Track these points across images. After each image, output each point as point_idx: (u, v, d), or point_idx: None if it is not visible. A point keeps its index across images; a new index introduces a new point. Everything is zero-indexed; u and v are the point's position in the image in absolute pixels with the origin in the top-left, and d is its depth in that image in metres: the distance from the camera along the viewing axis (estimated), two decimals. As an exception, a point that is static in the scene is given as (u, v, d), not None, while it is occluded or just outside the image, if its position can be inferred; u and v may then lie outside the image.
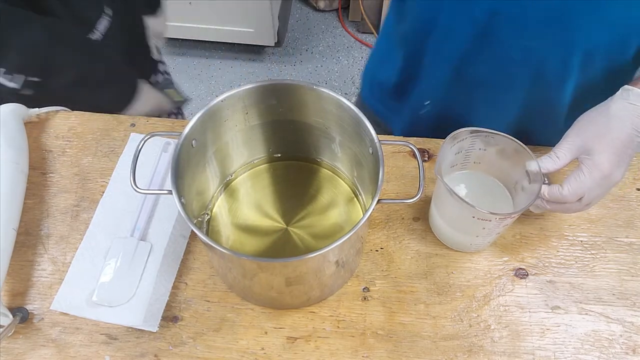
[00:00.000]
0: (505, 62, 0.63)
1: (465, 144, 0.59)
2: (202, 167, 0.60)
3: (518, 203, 0.60)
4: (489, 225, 0.55)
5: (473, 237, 0.59)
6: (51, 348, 0.57)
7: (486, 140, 0.58)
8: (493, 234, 0.58)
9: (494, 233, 0.58)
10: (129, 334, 0.58)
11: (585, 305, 0.60)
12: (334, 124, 0.60)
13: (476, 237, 0.59)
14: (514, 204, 0.61)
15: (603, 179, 0.53)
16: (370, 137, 0.53)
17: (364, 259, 0.63)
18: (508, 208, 0.61)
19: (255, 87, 0.57)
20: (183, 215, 0.48)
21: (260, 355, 0.57)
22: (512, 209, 0.60)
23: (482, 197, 0.62)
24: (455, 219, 0.59)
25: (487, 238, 0.59)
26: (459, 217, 0.58)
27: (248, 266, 0.52)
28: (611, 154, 0.53)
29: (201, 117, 0.55)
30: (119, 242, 0.60)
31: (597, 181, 0.53)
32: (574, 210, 0.57)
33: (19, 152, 0.66)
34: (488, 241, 0.61)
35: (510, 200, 0.61)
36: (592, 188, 0.54)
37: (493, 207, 0.53)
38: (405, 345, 0.57)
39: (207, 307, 0.60)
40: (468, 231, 0.58)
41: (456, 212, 0.57)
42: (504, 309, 0.60)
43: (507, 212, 0.59)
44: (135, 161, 0.53)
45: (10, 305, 0.60)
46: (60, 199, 0.67)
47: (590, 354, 0.57)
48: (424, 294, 0.61)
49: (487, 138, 0.58)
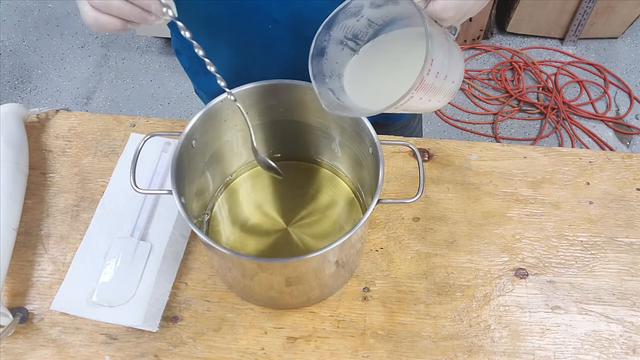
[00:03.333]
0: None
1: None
2: (202, 167, 0.60)
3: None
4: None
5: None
6: (51, 348, 0.57)
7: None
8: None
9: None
10: (129, 334, 0.58)
11: (585, 305, 0.60)
12: (334, 124, 0.60)
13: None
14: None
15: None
16: (370, 137, 0.53)
17: (364, 259, 0.63)
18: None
19: (255, 87, 0.57)
20: (183, 215, 0.48)
21: (260, 355, 0.57)
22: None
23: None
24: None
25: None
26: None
27: (248, 266, 0.52)
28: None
29: (201, 117, 0.55)
30: (119, 242, 0.60)
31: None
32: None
33: (19, 152, 0.66)
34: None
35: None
36: (470, 5, 0.42)
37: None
38: (405, 345, 0.57)
39: (207, 307, 0.60)
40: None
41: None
42: (504, 309, 0.60)
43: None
44: (135, 161, 0.53)
45: (10, 305, 0.60)
46: (60, 199, 0.67)
47: (590, 354, 0.57)
48: (424, 294, 0.61)
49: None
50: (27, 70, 1.87)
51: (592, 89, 1.82)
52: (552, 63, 1.88)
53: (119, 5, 0.39)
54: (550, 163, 0.71)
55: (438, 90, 0.44)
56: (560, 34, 1.92)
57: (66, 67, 1.88)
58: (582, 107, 1.76)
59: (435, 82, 0.42)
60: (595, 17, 1.83)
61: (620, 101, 1.80)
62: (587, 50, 1.92)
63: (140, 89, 1.84)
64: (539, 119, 1.76)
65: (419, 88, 0.40)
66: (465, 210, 0.67)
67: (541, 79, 1.83)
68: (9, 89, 1.82)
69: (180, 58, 0.77)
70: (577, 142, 1.70)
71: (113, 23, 0.40)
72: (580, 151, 0.73)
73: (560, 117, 1.74)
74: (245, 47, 0.61)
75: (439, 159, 0.72)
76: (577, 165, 0.71)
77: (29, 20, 2.02)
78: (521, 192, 0.69)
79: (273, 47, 0.60)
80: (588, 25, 1.86)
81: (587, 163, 0.71)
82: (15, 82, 1.83)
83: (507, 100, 1.79)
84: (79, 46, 1.95)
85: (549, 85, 1.81)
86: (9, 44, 1.94)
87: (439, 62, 0.41)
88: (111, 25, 0.40)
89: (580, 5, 1.78)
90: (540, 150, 0.72)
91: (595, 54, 1.91)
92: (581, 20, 1.83)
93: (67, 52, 1.93)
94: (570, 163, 0.71)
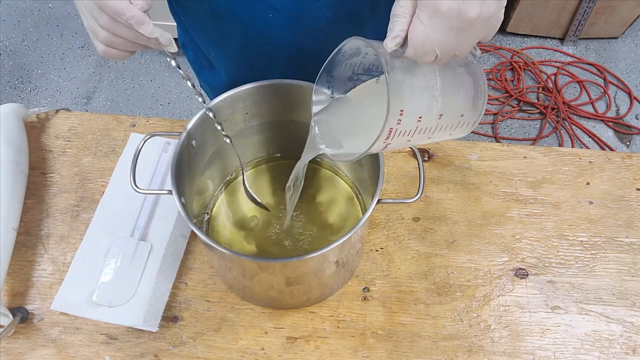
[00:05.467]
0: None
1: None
2: (202, 166, 0.60)
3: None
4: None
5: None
6: (51, 348, 0.57)
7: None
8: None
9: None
10: (129, 334, 0.58)
11: (585, 305, 0.60)
12: (334, 124, 0.60)
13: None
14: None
15: (449, 20, 0.37)
16: (370, 137, 0.53)
17: (364, 259, 0.63)
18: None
19: (255, 87, 0.57)
20: (183, 215, 0.48)
21: (260, 355, 0.57)
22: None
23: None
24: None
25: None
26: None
27: (248, 266, 0.52)
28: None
29: (201, 116, 0.55)
30: (119, 242, 0.60)
31: (440, 26, 0.37)
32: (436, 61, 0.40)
33: (19, 152, 0.66)
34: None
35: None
36: (439, 36, 0.37)
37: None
38: (405, 345, 0.57)
39: (207, 307, 0.60)
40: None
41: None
42: (504, 309, 0.60)
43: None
44: (135, 161, 0.53)
45: (10, 305, 0.60)
46: (60, 199, 0.67)
47: (590, 354, 0.57)
48: (424, 294, 0.61)
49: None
50: (27, 70, 1.87)
51: (592, 89, 1.82)
52: (552, 63, 1.88)
53: (122, 43, 0.45)
54: (550, 163, 0.71)
55: (435, 129, 0.42)
56: (560, 34, 1.92)
57: (66, 67, 1.88)
58: (582, 107, 1.76)
59: (422, 124, 0.40)
60: (595, 17, 1.83)
61: (620, 101, 1.80)
62: (587, 50, 1.92)
63: (140, 89, 1.83)
64: (539, 119, 1.76)
65: (392, 136, 0.39)
66: (465, 210, 0.67)
67: (541, 79, 1.83)
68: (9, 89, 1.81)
69: (186, 52, 0.78)
70: (577, 142, 1.70)
71: (121, 54, 0.47)
72: (580, 151, 0.73)
73: (560, 117, 1.74)
74: (248, 37, 0.62)
75: (439, 159, 0.72)
76: (577, 165, 0.71)
77: (29, 20, 2.02)
78: (521, 192, 0.69)
79: (274, 37, 0.61)
80: (588, 25, 1.86)
81: (587, 163, 0.71)
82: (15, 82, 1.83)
83: (507, 100, 1.79)
84: (79, 46, 1.94)
85: (549, 85, 1.81)
86: (9, 44, 1.94)
87: (416, 107, 0.39)
88: (119, 56, 0.46)
89: (580, 5, 1.78)
90: (540, 150, 0.72)
91: (595, 54, 1.91)
92: (581, 20, 1.83)
93: (67, 52, 1.92)
94: (570, 163, 0.71)
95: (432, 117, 0.41)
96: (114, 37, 0.45)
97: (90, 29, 0.46)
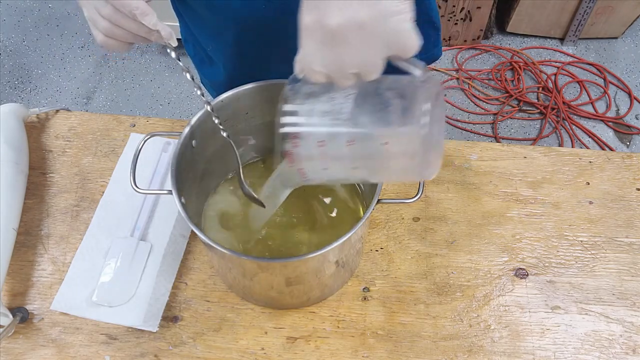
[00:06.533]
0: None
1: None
2: (202, 167, 0.60)
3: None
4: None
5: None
6: (51, 348, 0.57)
7: None
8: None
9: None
10: (129, 334, 0.58)
11: (585, 305, 0.60)
12: (334, 124, 0.60)
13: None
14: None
15: (314, 33, 0.36)
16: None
17: (364, 259, 0.63)
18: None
19: (255, 87, 0.57)
20: (183, 215, 0.48)
21: (260, 355, 0.57)
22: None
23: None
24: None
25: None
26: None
27: (248, 266, 0.52)
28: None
29: (201, 116, 0.55)
30: (119, 242, 0.60)
31: (309, 42, 0.37)
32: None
33: (19, 152, 0.66)
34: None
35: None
36: (313, 52, 0.37)
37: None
38: (405, 345, 0.57)
39: (207, 307, 0.60)
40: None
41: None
42: (504, 309, 0.60)
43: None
44: (135, 161, 0.53)
45: (10, 305, 0.60)
46: (60, 199, 0.67)
47: (590, 354, 0.57)
48: (424, 294, 0.61)
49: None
50: (27, 70, 1.87)
51: (592, 89, 1.82)
52: (552, 63, 1.88)
53: (123, 34, 0.45)
54: (550, 163, 0.71)
55: (352, 158, 0.40)
56: (560, 34, 1.92)
57: (66, 67, 1.88)
58: (582, 107, 1.76)
59: (329, 150, 0.39)
60: (595, 17, 1.83)
61: (620, 101, 1.80)
62: (587, 50, 1.92)
63: (140, 89, 1.83)
64: (539, 119, 1.76)
65: (298, 161, 0.41)
66: (465, 210, 0.67)
67: (541, 79, 1.83)
68: (9, 89, 1.81)
69: (187, 47, 0.78)
70: (577, 142, 1.70)
71: (120, 46, 0.46)
72: (580, 151, 0.73)
73: (560, 117, 1.74)
74: (244, 29, 0.62)
75: (439, 159, 0.72)
76: (577, 165, 0.71)
77: (29, 20, 2.02)
78: (521, 192, 0.69)
79: (267, 28, 0.61)
80: (588, 25, 1.86)
81: (587, 163, 0.71)
82: (15, 82, 1.83)
83: (507, 100, 1.79)
84: (79, 46, 1.94)
85: (549, 85, 1.81)
86: (9, 44, 1.94)
87: (314, 132, 0.39)
88: (118, 47, 0.46)
89: (580, 5, 1.78)
90: (540, 150, 0.72)
91: (595, 54, 1.91)
92: (581, 20, 1.83)
93: (67, 52, 1.92)
94: (570, 163, 0.71)
95: (339, 144, 0.39)
96: (115, 28, 0.44)
97: (91, 19, 0.46)
